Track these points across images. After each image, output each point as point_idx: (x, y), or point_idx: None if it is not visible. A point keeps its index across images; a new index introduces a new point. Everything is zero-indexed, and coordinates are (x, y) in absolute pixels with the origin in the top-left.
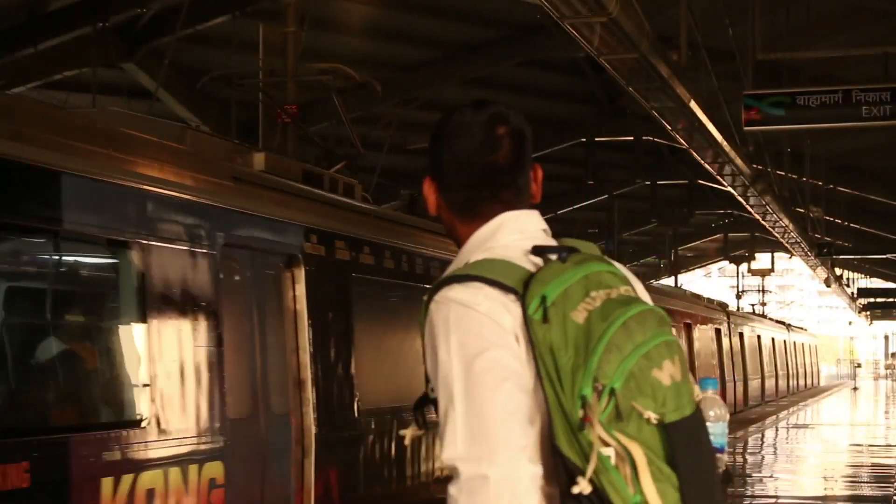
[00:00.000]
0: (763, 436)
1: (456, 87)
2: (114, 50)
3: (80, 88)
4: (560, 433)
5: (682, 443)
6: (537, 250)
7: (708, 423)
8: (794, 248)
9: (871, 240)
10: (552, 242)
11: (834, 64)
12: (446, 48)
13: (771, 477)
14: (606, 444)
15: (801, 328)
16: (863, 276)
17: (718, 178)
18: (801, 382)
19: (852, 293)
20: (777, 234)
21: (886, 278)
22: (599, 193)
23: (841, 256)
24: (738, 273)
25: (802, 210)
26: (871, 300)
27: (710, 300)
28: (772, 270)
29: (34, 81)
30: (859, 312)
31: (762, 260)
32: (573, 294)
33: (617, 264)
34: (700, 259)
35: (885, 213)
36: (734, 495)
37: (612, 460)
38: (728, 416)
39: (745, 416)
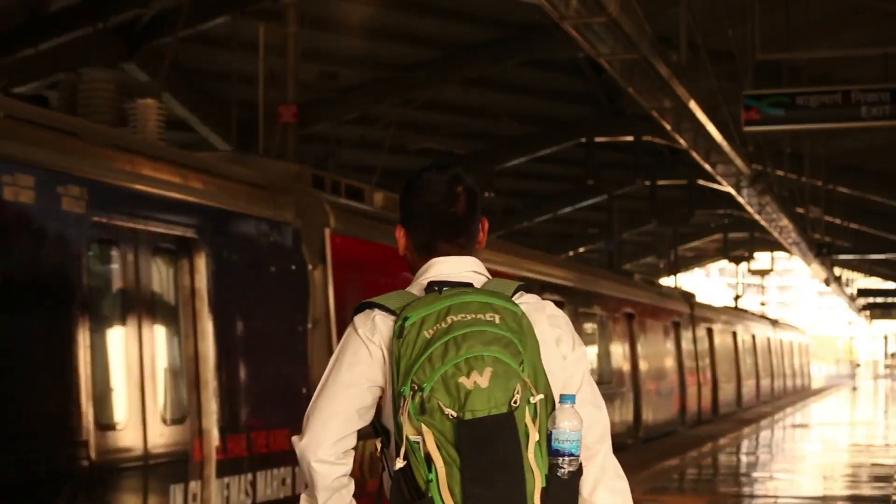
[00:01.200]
0: (762, 436)
1: (456, 87)
2: (114, 50)
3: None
4: (392, 422)
5: (468, 436)
6: (429, 286)
7: (563, 431)
8: (793, 248)
9: (870, 240)
10: (478, 280)
11: (834, 64)
12: (446, 48)
13: (771, 477)
14: (417, 432)
15: (791, 325)
16: (862, 275)
17: (718, 178)
18: (790, 385)
19: (852, 293)
20: (776, 235)
21: (886, 278)
22: (599, 193)
23: (840, 256)
24: (737, 273)
25: (802, 210)
26: (871, 300)
27: (669, 288)
28: (771, 270)
29: (34, 81)
30: (859, 312)
31: (762, 260)
32: (431, 317)
33: (529, 298)
34: (700, 259)
35: (885, 213)
36: (735, 495)
37: (420, 446)
38: (581, 426)
39: (741, 417)
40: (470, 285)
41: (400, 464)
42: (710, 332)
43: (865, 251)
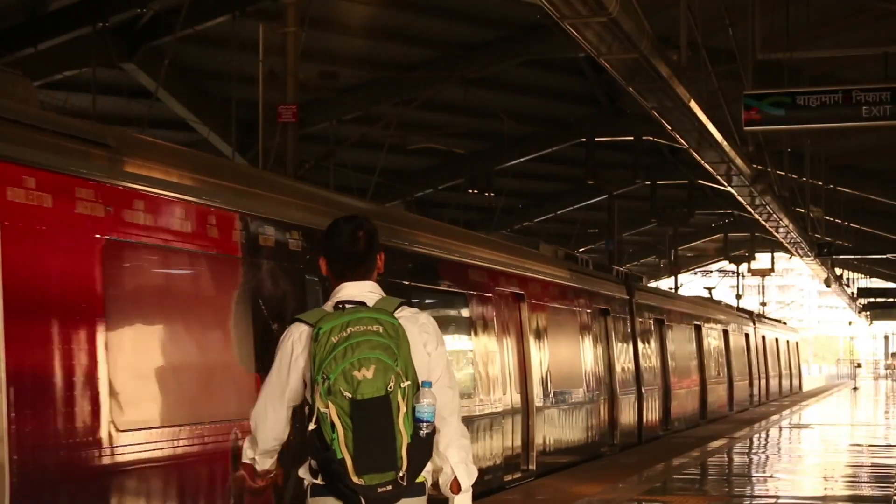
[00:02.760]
0: (763, 436)
1: (456, 87)
2: (114, 50)
3: (80, 88)
4: (309, 397)
5: (358, 410)
6: (336, 305)
7: (423, 406)
8: (794, 248)
9: (871, 240)
10: (372, 299)
11: (834, 64)
12: (446, 48)
13: (771, 477)
14: (326, 406)
15: (777, 320)
16: (863, 276)
17: (718, 178)
18: (774, 388)
19: (852, 293)
20: (777, 235)
21: (886, 278)
22: (599, 193)
23: (841, 256)
24: (738, 273)
25: (802, 210)
26: (871, 300)
27: (597, 266)
28: (772, 270)
29: (34, 81)
30: (859, 312)
31: (762, 260)
32: (336, 328)
33: (407, 312)
34: (700, 259)
35: (885, 213)
36: (735, 495)
37: (328, 415)
38: (435, 403)
39: (740, 417)
40: (365, 304)
41: (312, 426)
42: (659, 325)
43: (866, 251)
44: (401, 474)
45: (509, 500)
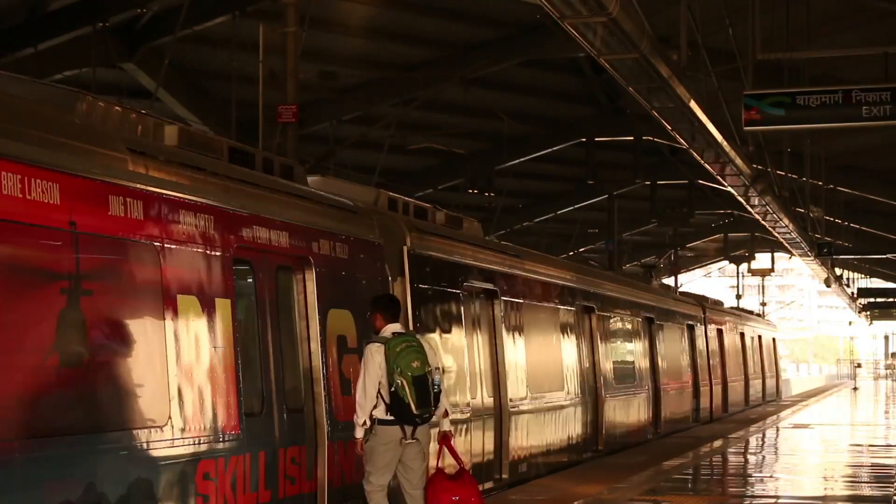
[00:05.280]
0: (763, 436)
1: (456, 87)
2: (114, 50)
3: (80, 88)
4: (390, 379)
5: (416, 382)
6: (394, 334)
7: (436, 378)
8: (794, 248)
9: (871, 240)
10: (402, 331)
11: (834, 64)
12: (446, 48)
13: (771, 477)
14: (401, 379)
15: (744, 310)
16: (863, 276)
17: (718, 178)
18: (736, 398)
19: (852, 293)
20: (777, 234)
21: (886, 278)
22: (599, 193)
23: (841, 256)
24: (738, 273)
25: (802, 210)
26: (871, 300)
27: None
28: (772, 270)
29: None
30: (859, 312)
31: (762, 260)
32: (399, 345)
33: (419, 336)
34: (700, 259)
35: (885, 213)
36: (735, 495)
37: (402, 383)
38: (441, 377)
39: (743, 417)
40: (403, 333)
41: (395, 388)
42: (489, 302)
43: (866, 251)
44: (432, 409)
45: (508, 499)
